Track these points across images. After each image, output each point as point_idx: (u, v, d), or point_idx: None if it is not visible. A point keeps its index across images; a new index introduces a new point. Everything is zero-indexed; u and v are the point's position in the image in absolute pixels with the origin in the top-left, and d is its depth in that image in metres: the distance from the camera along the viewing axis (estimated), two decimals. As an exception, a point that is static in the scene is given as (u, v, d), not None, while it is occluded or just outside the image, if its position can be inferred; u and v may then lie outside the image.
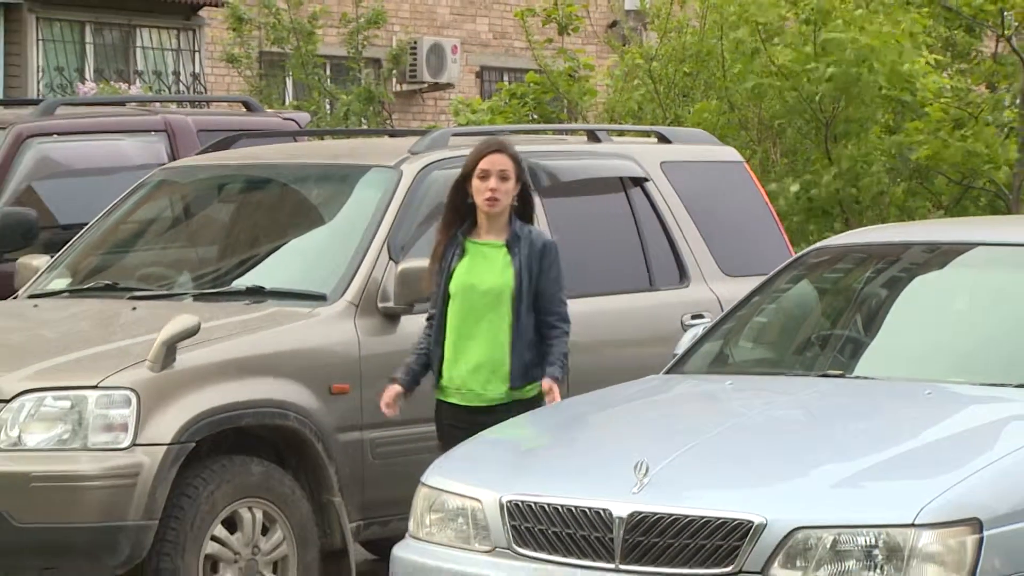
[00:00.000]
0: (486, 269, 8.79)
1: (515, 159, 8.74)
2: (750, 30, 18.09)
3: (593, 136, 12.58)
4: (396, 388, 8.89)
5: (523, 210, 8.95)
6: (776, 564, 7.27)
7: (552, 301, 8.83)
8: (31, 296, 11.12)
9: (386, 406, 8.91)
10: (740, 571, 7.28)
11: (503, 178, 8.65)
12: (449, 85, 30.97)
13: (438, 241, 8.99)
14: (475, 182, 8.69)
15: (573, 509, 7.62)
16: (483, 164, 8.67)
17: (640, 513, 7.47)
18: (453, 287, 8.75)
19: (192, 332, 9.59)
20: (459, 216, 8.87)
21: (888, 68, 18.10)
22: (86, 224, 11.68)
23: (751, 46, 18.21)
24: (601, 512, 7.54)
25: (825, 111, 17.83)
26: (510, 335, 8.77)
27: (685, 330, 10.09)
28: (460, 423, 8.77)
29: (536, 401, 8.84)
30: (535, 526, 7.60)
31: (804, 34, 17.93)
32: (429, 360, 8.93)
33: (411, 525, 8.26)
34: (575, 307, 10.98)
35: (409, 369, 8.99)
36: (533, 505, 7.66)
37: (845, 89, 17.63)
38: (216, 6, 27.42)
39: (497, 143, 8.91)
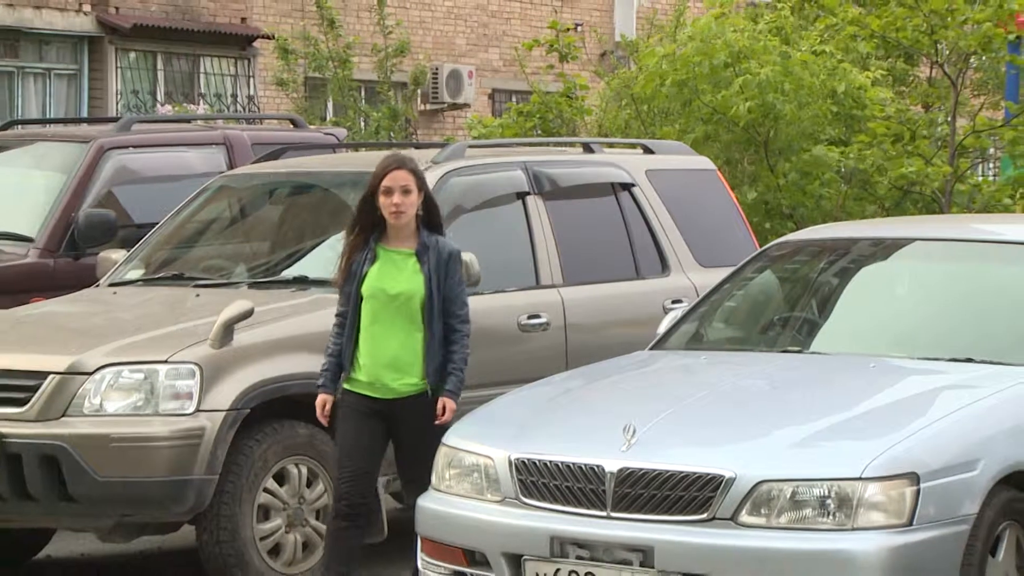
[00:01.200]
0: (396, 275, 8.44)
1: (415, 173, 8.46)
2: (674, 85, 18.31)
3: (588, 148, 12.57)
4: (325, 398, 8.55)
5: (429, 219, 8.58)
6: (744, 512, 7.33)
7: (456, 304, 8.49)
8: (110, 284, 11.14)
9: (323, 417, 8.58)
10: (713, 518, 7.34)
11: (405, 192, 8.34)
12: (466, 105, 30.92)
13: (351, 245, 8.58)
14: (380, 198, 8.38)
15: (571, 465, 7.67)
16: (386, 181, 8.37)
17: (628, 468, 7.52)
18: (365, 290, 8.40)
19: (247, 315, 9.61)
20: (369, 227, 8.51)
21: (822, 91, 18.14)
22: (156, 223, 11.67)
23: (687, 95, 18.38)
24: (595, 468, 7.59)
25: (760, 135, 17.92)
26: (424, 336, 8.43)
27: (666, 313, 10.08)
28: (366, 410, 8.43)
29: (428, 395, 8.48)
30: (539, 480, 7.65)
31: (726, 76, 18.02)
32: (341, 360, 8.54)
33: (433, 479, 8.30)
34: (574, 293, 11.08)
35: (331, 375, 8.59)
36: (537, 462, 7.72)
37: (765, 115, 17.74)
38: (267, 38, 27.39)
39: (397, 160, 8.55)
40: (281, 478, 9.69)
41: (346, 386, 8.49)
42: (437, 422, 8.35)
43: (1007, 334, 8.71)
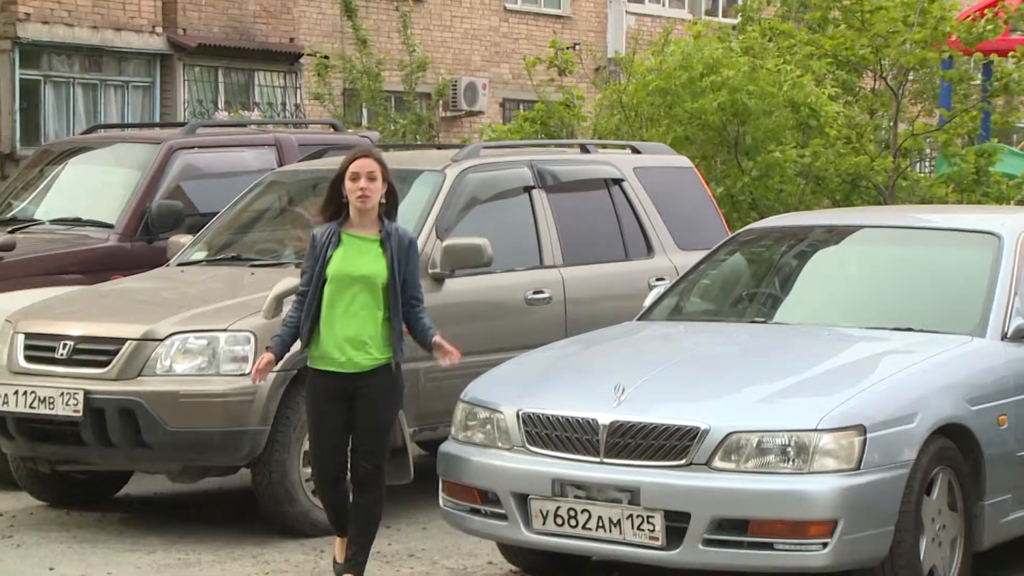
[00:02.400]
0: (360, 259, 7.81)
1: (380, 162, 7.93)
2: (658, 92, 18.34)
3: (584, 148, 12.60)
4: (269, 356, 7.91)
5: (389, 208, 7.99)
6: (717, 458, 7.36)
7: (415, 287, 7.92)
8: (178, 264, 11.13)
9: (258, 371, 7.93)
10: (691, 463, 7.37)
11: (371, 178, 7.80)
12: (480, 112, 30.86)
13: (317, 227, 8.04)
14: (348, 183, 7.81)
15: (570, 418, 7.70)
16: (353, 167, 7.83)
17: (618, 421, 7.54)
18: (330, 272, 7.78)
19: (294, 290, 9.58)
20: (335, 211, 7.94)
21: (783, 100, 18.17)
22: (217, 212, 11.68)
23: (669, 102, 18.40)
24: (590, 421, 7.62)
25: (731, 137, 17.95)
26: (387, 315, 7.82)
27: (651, 289, 10.06)
28: (331, 388, 7.85)
29: (390, 367, 7.90)
30: (543, 431, 7.67)
31: (702, 86, 18.04)
32: (298, 332, 7.91)
33: (452, 430, 8.35)
34: (576, 272, 11.08)
35: (281, 340, 7.96)
36: (541, 416, 7.74)
37: (734, 115, 17.77)
38: (311, 56, 27.38)
39: (365, 150, 8.22)
40: (323, 430, 9.67)
41: (311, 365, 7.97)
42: (447, 360, 7.95)
43: (940, 307, 8.71)
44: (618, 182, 11.87)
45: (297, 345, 9.41)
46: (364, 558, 7.97)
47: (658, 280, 10.77)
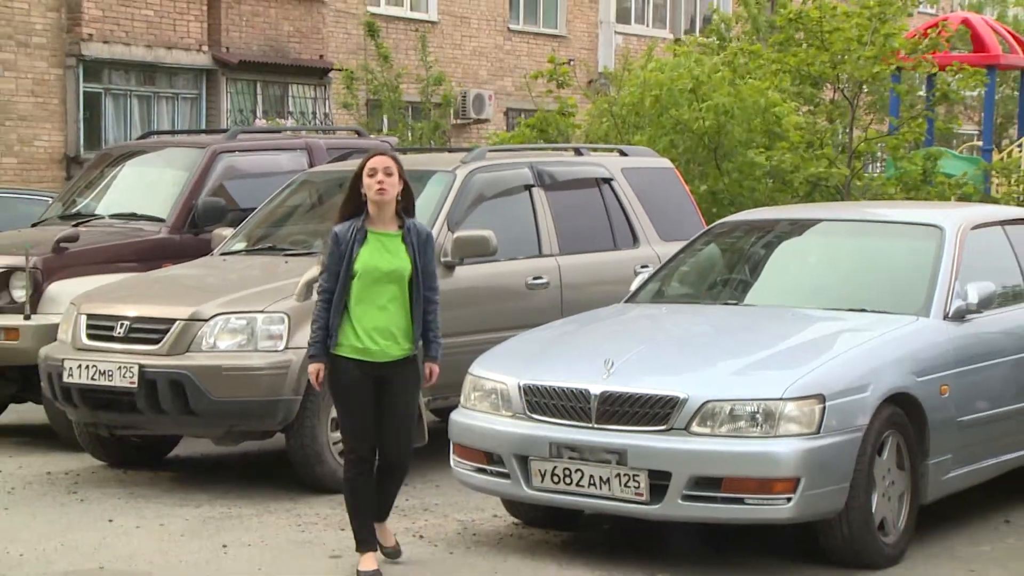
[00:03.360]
0: (386, 254, 7.30)
1: (396, 160, 7.45)
2: (651, 101, 18.38)
3: (578, 151, 12.58)
4: (318, 366, 7.36)
5: (406, 205, 7.51)
6: (694, 423, 7.37)
7: (431, 277, 7.43)
8: (221, 254, 11.12)
9: (318, 383, 7.43)
10: (671, 428, 7.38)
11: (388, 173, 7.31)
12: (487, 120, 30.84)
13: (338, 226, 7.48)
14: (366, 180, 7.35)
15: (565, 389, 7.70)
16: (371, 164, 7.37)
17: (608, 392, 7.56)
18: (358, 267, 7.25)
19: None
20: (353, 209, 7.45)
21: (757, 111, 18.23)
22: (255, 208, 11.66)
23: (657, 110, 18.45)
24: (583, 391, 7.63)
25: (712, 143, 18.01)
26: (411, 307, 7.36)
27: (636, 275, 10.03)
28: (359, 373, 7.33)
29: (415, 358, 7.46)
30: (541, 400, 7.68)
31: (688, 98, 18.11)
32: (328, 330, 7.33)
33: (462, 399, 8.36)
34: (571, 260, 11.08)
35: (321, 345, 7.35)
36: (540, 387, 7.75)
37: (718, 130, 17.86)
38: (339, 71, 27.36)
39: (380, 148, 7.66)
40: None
41: (338, 353, 7.33)
42: (426, 384, 7.61)
43: (890, 290, 8.70)
44: (608, 181, 11.86)
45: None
46: (389, 509, 7.82)
47: (643, 267, 10.76)
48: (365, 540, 7.49)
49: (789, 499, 7.26)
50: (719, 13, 29.68)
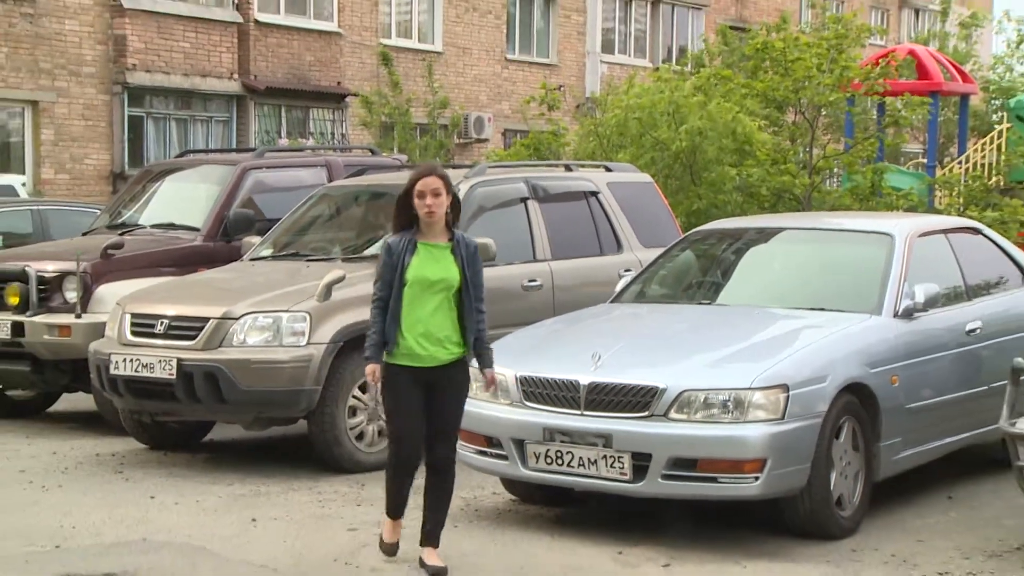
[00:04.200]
0: (436, 264, 6.83)
1: (444, 178, 6.88)
2: (634, 123, 18.43)
3: (567, 167, 12.60)
4: (374, 366, 6.90)
5: (454, 217, 7.01)
6: (672, 410, 7.37)
7: (479, 288, 6.94)
8: (250, 260, 11.09)
9: (376, 382, 6.96)
10: (652, 415, 7.39)
11: (436, 195, 6.78)
12: (486, 140, 30.88)
13: (391, 237, 7.02)
14: (415, 200, 6.83)
15: (557, 380, 7.71)
16: (419, 186, 6.82)
17: (595, 382, 7.56)
18: (409, 276, 6.79)
19: (340, 280, 9.60)
20: (406, 223, 6.92)
21: (728, 132, 18.26)
22: (280, 219, 11.65)
23: (640, 130, 18.48)
24: (573, 381, 7.64)
25: (687, 160, 18.03)
26: (460, 314, 6.89)
27: (620, 278, 10.02)
28: (410, 379, 6.88)
29: (465, 361, 7.03)
30: (536, 390, 7.68)
31: (667, 120, 18.15)
32: (384, 337, 6.88)
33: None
34: (562, 265, 11.07)
35: (376, 348, 6.89)
36: (535, 378, 7.75)
37: (693, 149, 17.90)
38: (355, 96, 27.39)
39: (429, 168, 7.01)
40: (364, 388, 9.64)
41: (390, 360, 6.90)
42: (488, 389, 7.22)
43: (846, 291, 8.69)
44: (595, 194, 11.85)
45: (346, 320, 9.52)
46: (440, 532, 7.15)
47: (626, 271, 10.73)
48: (394, 509, 7.18)
49: (757, 478, 7.26)
50: (707, 44, 29.80)
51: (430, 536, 7.06)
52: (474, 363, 7.12)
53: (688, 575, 6.98)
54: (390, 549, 7.18)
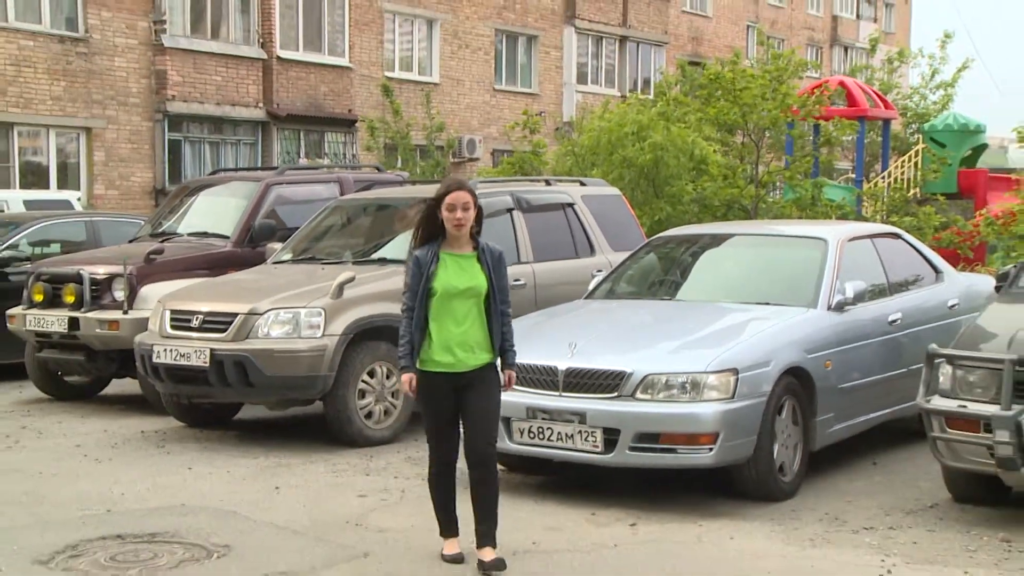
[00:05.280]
0: (462, 273, 6.22)
1: (472, 192, 6.30)
2: (604, 143, 18.49)
3: (547, 182, 12.53)
4: (410, 375, 6.24)
5: (479, 228, 6.38)
6: (638, 392, 7.36)
7: (504, 293, 6.34)
8: (273, 263, 11.06)
9: (412, 391, 6.29)
10: (620, 395, 7.39)
11: (465, 208, 6.20)
12: (477, 158, 30.86)
13: (418, 249, 6.33)
14: (444, 213, 6.19)
15: (538, 365, 7.69)
16: (449, 199, 6.19)
17: (572, 367, 7.56)
18: (436, 286, 6.17)
19: (351, 280, 9.57)
20: (432, 235, 6.28)
21: (686, 152, 18.32)
22: (299, 227, 11.62)
23: (608, 151, 18.53)
24: (552, 367, 7.64)
25: (651, 175, 18.07)
26: (488, 321, 6.27)
27: (593, 278, 10.00)
28: (443, 385, 6.24)
29: (494, 364, 6.37)
30: (520, 374, 7.58)
31: (632, 139, 18.21)
32: (413, 344, 6.22)
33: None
34: (543, 266, 11.06)
35: (408, 359, 6.21)
36: (519, 364, 7.56)
37: (656, 163, 17.94)
38: (364, 120, 27.35)
39: (458, 182, 6.39)
40: (371, 373, 9.63)
41: (423, 367, 6.26)
42: (505, 388, 6.46)
43: (787, 288, 8.70)
44: (571, 205, 11.83)
45: (356, 315, 9.49)
46: (495, 531, 6.39)
47: (598, 271, 10.71)
48: (446, 528, 6.49)
49: (711, 449, 7.26)
50: (665, 75, 29.86)
51: (485, 536, 6.34)
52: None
53: (652, 533, 6.97)
54: (454, 559, 6.42)
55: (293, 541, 6.79)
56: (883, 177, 25.81)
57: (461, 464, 6.42)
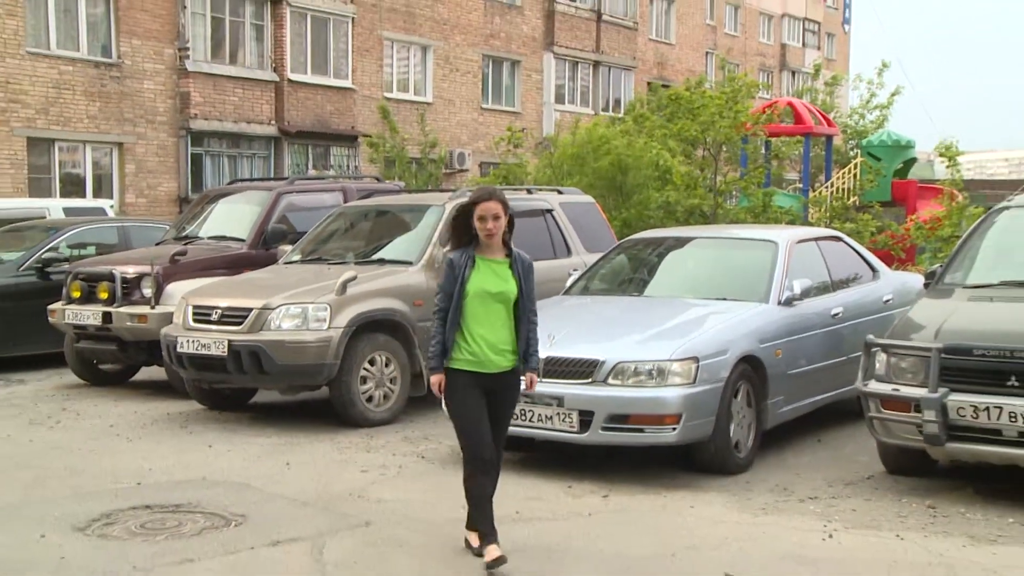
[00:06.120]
0: (495, 278, 5.75)
1: (502, 202, 5.86)
2: (577, 155, 18.57)
3: (529, 191, 12.52)
4: (439, 377, 5.73)
5: (510, 235, 5.95)
6: (610, 378, 7.33)
7: (532, 300, 5.88)
8: (284, 263, 11.01)
9: (440, 390, 5.77)
10: (594, 381, 7.37)
11: (496, 218, 5.78)
12: (467, 170, 30.84)
13: (452, 253, 5.87)
14: (476, 223, 5.78)
15: (520, 354, 7.60)
16: (479, 211, 5.77)
17: (551, 356, 7.53)
18: (469, 289, 5.71)
19: (353, 279, 9.54)
20: (466, 239, 5.84)
21: (652, 164, 18.33)
22: (307, 232, 11.58)
23: (580, 162, 18.58)
24: (533, 355, 7.53)
25: (617, 183, 18.11)
26: (516, 325, 5.79)
27: (569, 276, 9.99)
28: (473, 384, 5.69)
29: (518, 370, 5.84)
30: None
31: (599, 152, 18.28)
32: (445, 345, 5.72)
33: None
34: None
35: (439, 359, 5.71)
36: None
37: (620, 171, 17.99)
38: (366, 136, 27.30)
39: (489, 192, 5.93)
40: (372, 362, 9.59)
41: (453, 366, 5.72)
42: (526, 390, 5.97)
43: (742, 285, 8.69)
44: (550, 211, 11.81)
45: (358, 309, 9.45)
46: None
47: (574, 270, 10.70)
48: (487, 533, 5.80)
49: (675, 428, 7.25)
50: (639, 96, 29.91)
51: (488, 536, 5.78)
52: None
53: (622, 503, 6.97)
54: (496, 563, 5.69)
55: (302, 511, 6.77)
56: (826, 187, 25.85)
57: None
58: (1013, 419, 6.48)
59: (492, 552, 5.70)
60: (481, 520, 5.80)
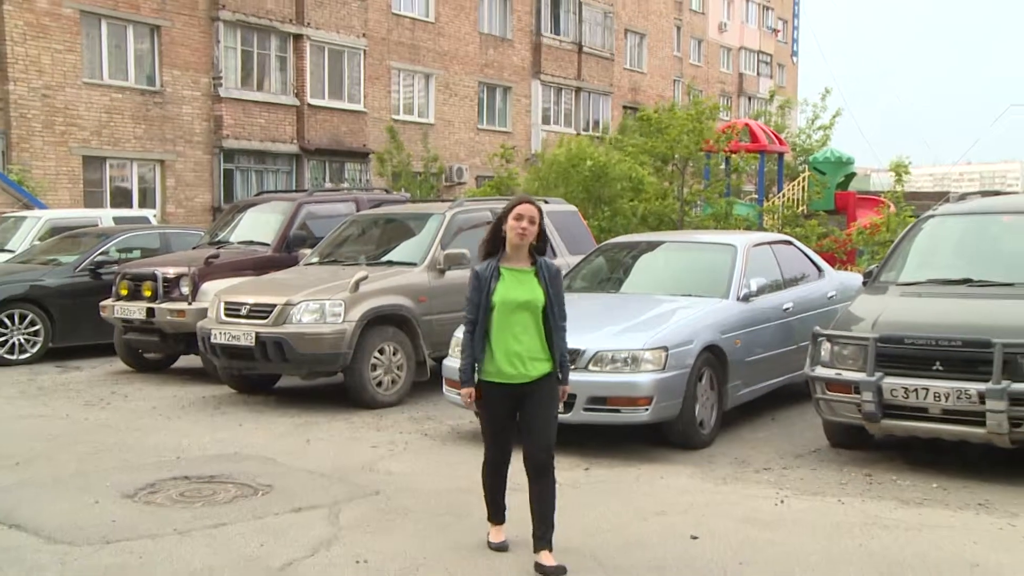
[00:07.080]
0: (520, 287, 5.10)
1: (539, 209, 5.29)
2: (560, 169, 18.54)
3: (519, 202, 12.47)
4: (470, 389, 5.15)
5: (540, 246, 5.27)
6: (590, 365, 7.31)
7: (560, 307, 5.16)
8: (304, 265, 10.95)
9: (471, 400, 5.19)
10: (576, 367, 7.31)
11: (531, 221, 5.16)
12: (464, 183, 30.79)
13: (478, 265, 5.31)
14: (511, 221, 5.18)
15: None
16: (518, 210, 5.17)
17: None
18: (496, 299, 5.08)
19: (365, 278, 9.50)
20: (495, 245, 5.27)
21: (626, 177, 18.30)
22: (324, 237, 11.53)
23: (564, 176, 18.55)
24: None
25: (594, 193, 18.08)
26: (546, 332, 5.11)
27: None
28: (501, 395, 5.10)
29: (553, 375, 5.14)
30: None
31: (579, 167, 18.26)
32: (474, 357, 5.11)
33: (449, 351, 8.21)
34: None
35: (469, 372, 5.12)
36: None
37: (596, 181, 17.97)
38: (376, 153, 27.24)
39: (527, 198, 5.35)
40: (381, 351, 9.55)
41: (483, 378, 5.14)
42: (562, 400, 5.22)
43: (706, 283, 8.67)
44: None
45: (369, 305, 9.41)
46: (551, 535, 5.14)
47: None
48: (494, 515, 5.42)
49: (647, 409, 7.23)
50: (625, 119, 29.91)
51: (542, 540, 5.12)
52: None
53: (601, 475, 6.95)
54: (499, 547, 5.37)
55: (320, 482, 6.74)
56: (779, 197, 25.85)
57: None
58: (937, 399, 6.55)
59: (496, 534, 5.40)
60: (495, 508, 5.42)
